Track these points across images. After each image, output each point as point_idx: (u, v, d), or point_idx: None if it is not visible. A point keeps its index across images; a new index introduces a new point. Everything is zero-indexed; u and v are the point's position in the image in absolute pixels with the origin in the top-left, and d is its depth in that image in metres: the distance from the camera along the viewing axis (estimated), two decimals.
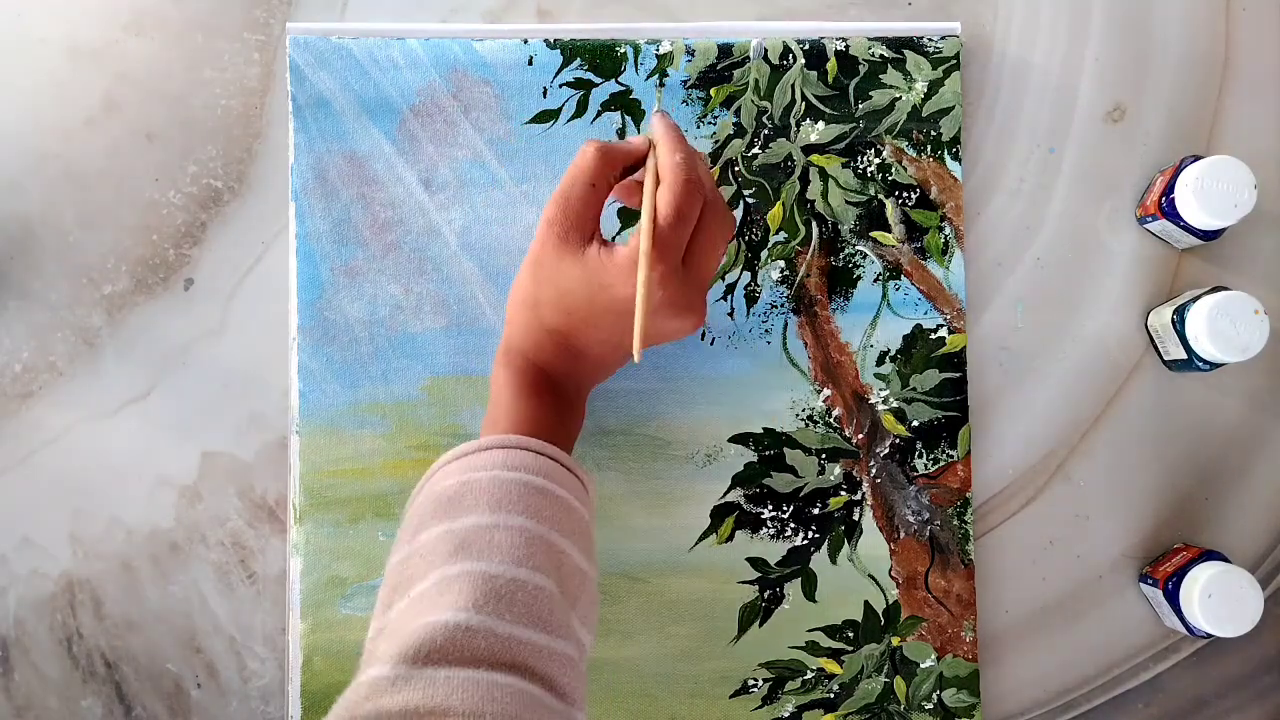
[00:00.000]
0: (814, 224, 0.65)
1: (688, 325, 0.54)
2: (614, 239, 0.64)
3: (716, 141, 0.64)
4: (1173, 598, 0.61)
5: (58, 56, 0.65)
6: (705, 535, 0.64)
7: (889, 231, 0.65)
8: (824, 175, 0.65)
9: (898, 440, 0.64)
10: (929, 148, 0.65)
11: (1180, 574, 0.60)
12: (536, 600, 0.46)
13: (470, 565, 0.46)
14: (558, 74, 0.64)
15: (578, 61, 0.64)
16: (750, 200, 0.64)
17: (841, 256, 0.65)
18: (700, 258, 0.54)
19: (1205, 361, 0.60)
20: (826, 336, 0.64)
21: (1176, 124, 0.66)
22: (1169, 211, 0.61)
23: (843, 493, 0.64)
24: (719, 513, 0.64)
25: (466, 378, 0.63)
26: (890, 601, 0.63)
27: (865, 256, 0.65)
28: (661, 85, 0.64)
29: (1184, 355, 0.61)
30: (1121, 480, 0.65)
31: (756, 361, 0.64)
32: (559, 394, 0.56)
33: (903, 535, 0.64)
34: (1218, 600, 0.59)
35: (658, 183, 0.53)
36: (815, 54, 0.65)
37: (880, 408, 0.64)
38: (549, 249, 0.53)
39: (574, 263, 0.53)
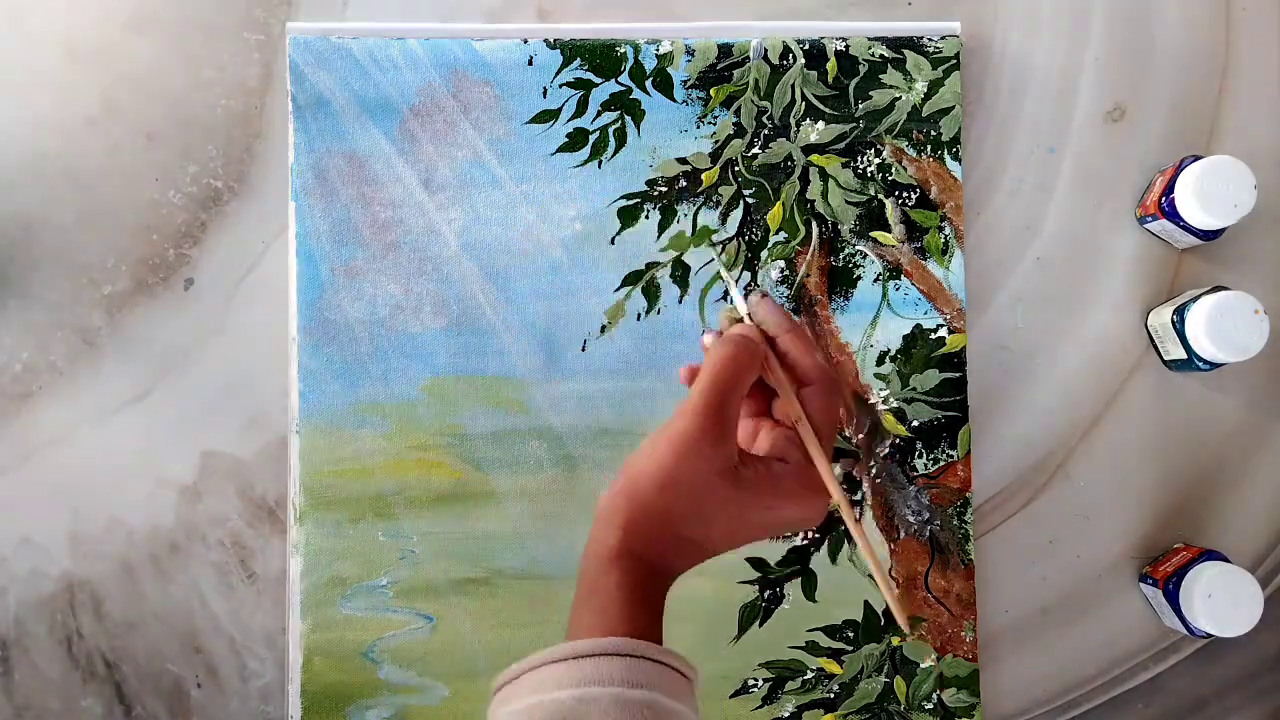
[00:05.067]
0: (814, 224, 0.65)
1: (813, 513, 0.51)
2: (614, 240, 0.64)
3: (716, 141, 0.64)
4: (1173, 598, 0.61)
5: (57, 56, 0.65)
6: None
7: (889, 231, 0.64)
8: (824, 175, 0.65)
9: (898, 440, 0.64)
10: (929, 148, 0.65)
11: (1180, 574, 0.60)
12: None
13: None
14: (558, 74, 0.64)
15: (578, 61, 0.64)
16: (750, 200, 0.64)
17: (841, 256, 0.65)
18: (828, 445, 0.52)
19: (1205, 361, 0.60)
20: (826, 336, 0.64)
21: (1176, 124, 0.66)
22: (1169, 211, 0.61)
23: None
24: None
25: (466, 378, 0.63)
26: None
27: (865, 256, 0.65)
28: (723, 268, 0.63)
29: (1184, 355, 0.61)
30: (1121, 480, 0.65)
31: None
32: (667, 588, 0.51)
33: (903, 535, 0.64)
34: (1218, 600, 0.59)
35: (792, 376, 0.51)
36: (815, 54, 0.65)
37: (880, 408, 0.64)
38: (699, 464, 0.47)
39: (726, 482, 0.48)
